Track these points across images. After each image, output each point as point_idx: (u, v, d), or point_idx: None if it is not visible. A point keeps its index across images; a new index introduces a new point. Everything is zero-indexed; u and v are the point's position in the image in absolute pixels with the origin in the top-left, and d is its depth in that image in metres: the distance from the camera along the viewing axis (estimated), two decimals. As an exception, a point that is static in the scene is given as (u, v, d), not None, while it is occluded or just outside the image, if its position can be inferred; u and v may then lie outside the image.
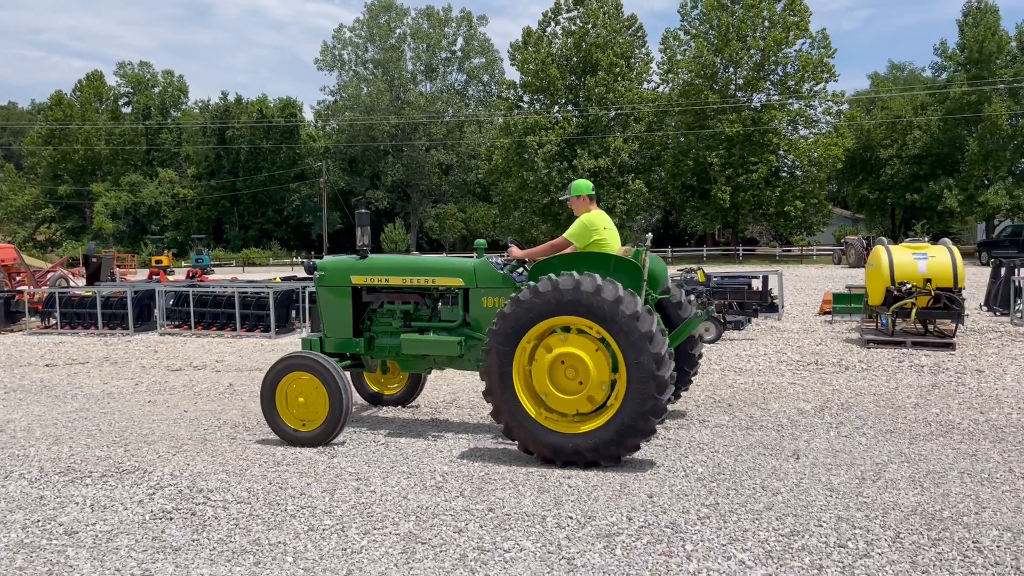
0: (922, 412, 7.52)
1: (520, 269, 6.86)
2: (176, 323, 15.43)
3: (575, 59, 54.68)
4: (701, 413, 7.67)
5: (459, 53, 75.16)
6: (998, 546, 4.23)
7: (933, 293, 11.42)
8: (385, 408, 8.09)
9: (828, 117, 53.53)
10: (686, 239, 64.14)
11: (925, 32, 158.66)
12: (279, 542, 4.50)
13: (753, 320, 13.52)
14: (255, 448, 6.54)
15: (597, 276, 5.72)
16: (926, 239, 14.99)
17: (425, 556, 4.27)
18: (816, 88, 51.62)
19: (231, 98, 74.29)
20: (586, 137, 53.30)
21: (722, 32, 50.61)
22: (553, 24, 56.42)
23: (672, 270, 10.22)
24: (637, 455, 6.07)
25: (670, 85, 55.24)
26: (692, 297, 7.84)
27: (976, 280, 19.97)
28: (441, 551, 4.33)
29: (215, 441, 6.85)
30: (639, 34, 56.51)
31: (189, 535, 4.63)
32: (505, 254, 7.00)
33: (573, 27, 55.21)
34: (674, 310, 7.10)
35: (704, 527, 4.58)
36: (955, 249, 12.03)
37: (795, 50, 51.28)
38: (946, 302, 11.41)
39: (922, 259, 11.73)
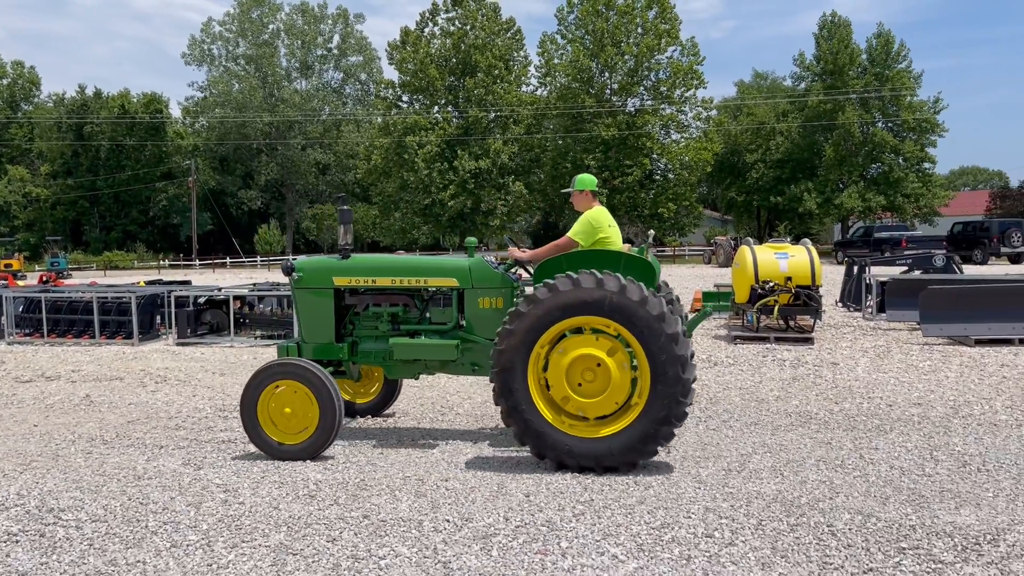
0: (783, 404, 7.91)
1: (514, 269, 6.62)
2: (27, 331, 14.39)
3: (454, 60, 54.65)
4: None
5: (335, 51, 73.72)
6: (850, 529, 4.48)
7: (793, 291, 12.06)
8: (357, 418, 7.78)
9: (698, 122, 55.73)
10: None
11: (786, 43, 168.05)
12: (138, 561, 4.24)
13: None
14: (113, 463, 6.16)
15: (620, 275, 5.56)
16: (788, 239, 15.83)
17: (296, 567, 4.13)
18: (687, 94, 53.60)
19: (90, 92, 70.15)
20: (466, 138, 53.41)
21: (597, 37, 51.79)
22: (431, 24, 56.21)
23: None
24: (524, 457, 6.10)
25: (548, 88, 56.08)
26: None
27: (832, 278, 21.25)
28: (313, 561, 4.20)
29: (68, 457, 6.41)
30: (517, 37, 57.04)
31: (37, 559, 4.30)
32: (503, 256, 6.65)
33: (452, 28, 55.18)
34: None
35: (579, 523, 4.64)
36: (813, 249, 12.74)
37: (667, 57, 53.10)
38: (805, 299, 12.07)
39: (783, 258, 12.36)
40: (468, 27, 54.47)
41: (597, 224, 6.27)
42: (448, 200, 51.91)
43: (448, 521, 4.71)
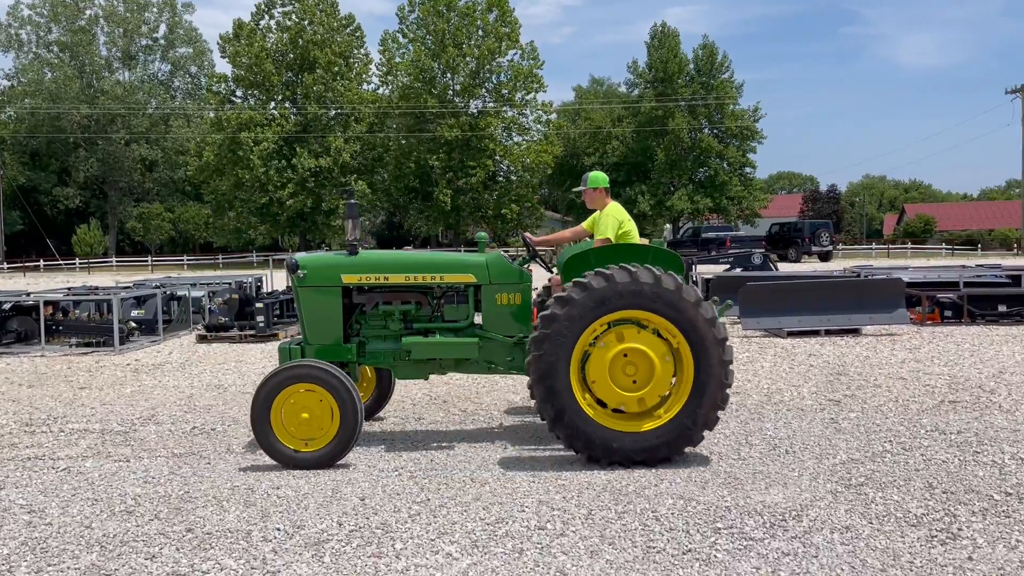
0: (615, 397, 8.22)
1: (527, 265, 6.47)
2: None
3: (291, 55, 53.05)
4: (417, 411, 7.76)
5: (162, 41, 69.59)
6: (672, 513, 4.72)
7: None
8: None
9: (538, 125, 57.01)
10: (411, 240, 64.94)
11: (621, 51, 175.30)
12: (-78, 596, 3.83)
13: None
14: None
15: (653, 267, 5.56)
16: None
17: (109, 590, 3.86)
18: (527, 97, 54.72)
19: None
20: (305, 135, 51.98)
21: (439, 38, 51.90)
22: (267, 18, 54.30)
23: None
24: (361, 461, 6.00)
25: (390, 87, 55.62)
26: None
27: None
28: (129, 582, 3.94)
29: None
30: (357, 34, 56.16)
31: None
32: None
33: (288, 22, 53.54)
34: None
35: (414, 524, 4.62)
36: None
37: (507, 60, 54.00)
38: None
39: (616, 257, 12.85)
40: (306, 22, 53.04)
41: (620, 218, 6.48)
42: (287, 199, 50.34)
43: (279, 530, 4.56)
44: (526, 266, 6.52)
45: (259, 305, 13.49)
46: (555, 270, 6.74)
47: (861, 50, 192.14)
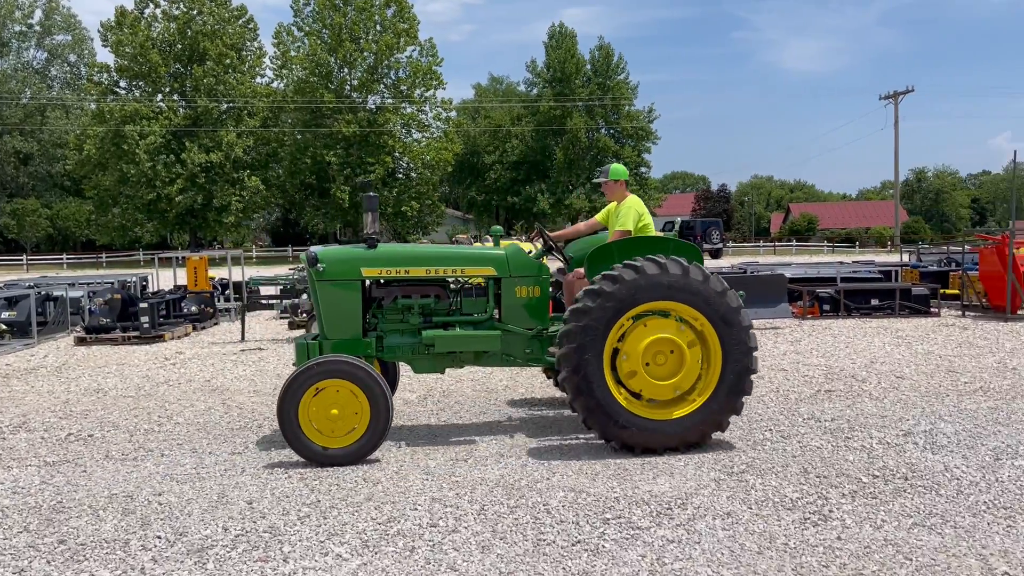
0: (511, 393, 8.29)
1: (542, 258, 6.49)
2: None
3: (180, 46, 51.03)
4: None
5: (37, 28, 65.72)
6: (563, 505, 4.79)
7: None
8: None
9: (438, 123, 56.79)
10: (308, 238, 63.54)
11: (520, 50, 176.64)
12: None
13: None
14: None
15: (681, 259, 5.71)
16: (524, 237, 16.62)
17: (-30, 609, 3.63)
18: (427, 94, 54.41)
19: None
20: (195, 129, 50.10)
21: (335, 32, 50.99)
22: (152, 6, 52.03)
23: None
24: (249, 463, 5.84)
25: (285, 81, 54.27)
26: None
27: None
28: (-7, 599, 3.71)
29: None
30: (250, 26, 54.52)
31: None
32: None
33: (176, 11, 51.47)
34: None
35: (304, 526, 4.53)
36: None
37: (406, 56, 53.55)
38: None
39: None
40: (195, 12, 51.11)
41: (640, 211, 6.62)
42: (175, 195, 48.41)
43: (159, 538, 4.39)
44: (541, 259, 6.58)
45: (143, 305, 12.94)
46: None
47: (750, 55, 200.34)
